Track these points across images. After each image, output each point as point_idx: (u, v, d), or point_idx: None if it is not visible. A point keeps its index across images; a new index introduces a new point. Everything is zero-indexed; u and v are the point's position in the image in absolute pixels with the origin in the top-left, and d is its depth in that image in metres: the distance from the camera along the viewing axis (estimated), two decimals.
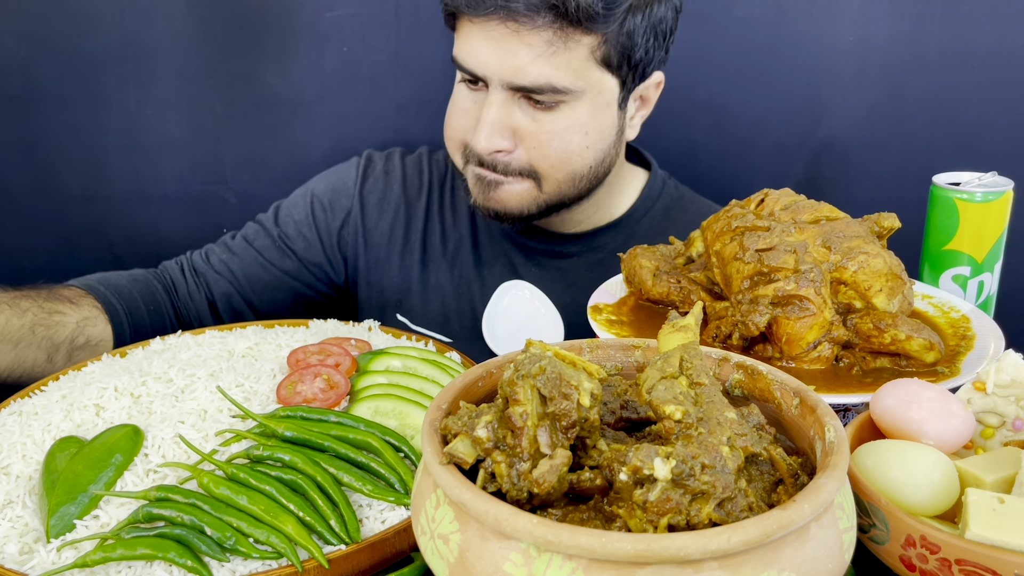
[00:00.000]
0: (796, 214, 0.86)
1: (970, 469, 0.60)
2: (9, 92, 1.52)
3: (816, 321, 0.78)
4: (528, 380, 0.50)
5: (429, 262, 1.29)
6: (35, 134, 1.56)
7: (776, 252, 0.81)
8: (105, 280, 1.16)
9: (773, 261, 0.80)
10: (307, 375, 0.83)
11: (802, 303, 0.79)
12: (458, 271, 1.28)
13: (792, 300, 0.79)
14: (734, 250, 0.84)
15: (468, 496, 0.46)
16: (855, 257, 0.80)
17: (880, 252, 0.82)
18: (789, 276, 0.80)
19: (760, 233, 0.84)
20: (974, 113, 1.51)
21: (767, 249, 0.82)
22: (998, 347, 0.80)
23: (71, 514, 0.67)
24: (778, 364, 0.81)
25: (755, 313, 0.80)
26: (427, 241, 1.29)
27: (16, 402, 0.85)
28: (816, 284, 0.79)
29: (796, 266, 0.80)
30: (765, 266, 0.81)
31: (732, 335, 0.81)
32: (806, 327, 0.79)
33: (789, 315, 0.79)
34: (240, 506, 0.66)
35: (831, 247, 0.81)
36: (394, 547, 0.67)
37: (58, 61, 1.51)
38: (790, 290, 0.79)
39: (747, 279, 0.82)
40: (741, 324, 0.80)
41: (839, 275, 0.81)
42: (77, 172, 1.59)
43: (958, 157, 1.17)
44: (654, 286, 0.93)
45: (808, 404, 0.56)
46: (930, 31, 1.48)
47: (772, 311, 0.80)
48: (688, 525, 0.46)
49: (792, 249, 0.81)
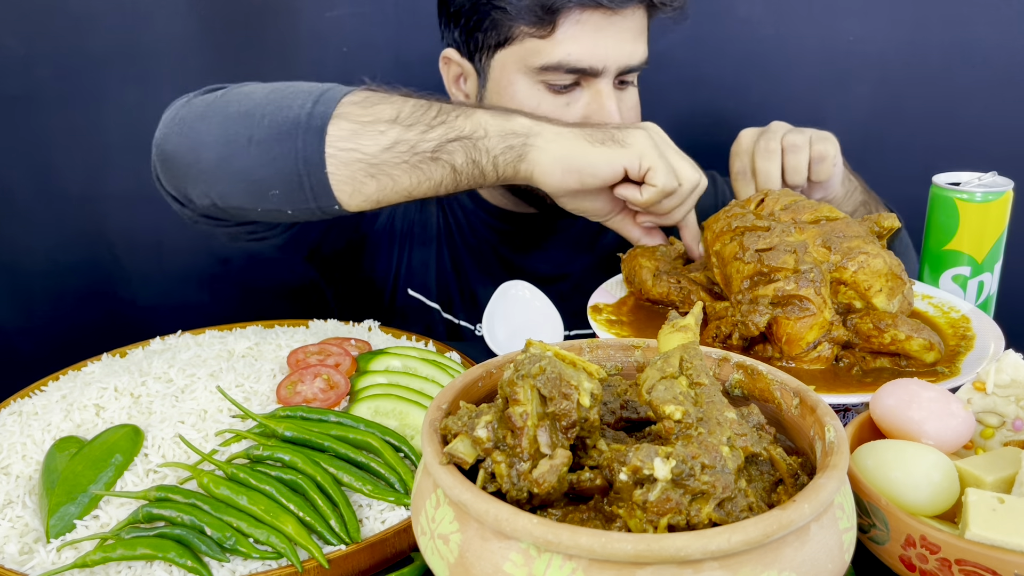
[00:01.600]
0: (796, 214, 0.86)
1: (970, 469, 0.60)
2: (9, 92, 1.53)
3: (816, 321, 0.78)
4: (528, 380, 0.50)
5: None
6: (35, 134, 1.56)
7: (776, 252, 0.81)
8: None
9: (773, 261, 0.80)
10: (307, 375, 0.83)
11: (802, 303, 0.79)
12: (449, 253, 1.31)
13: (792, 300, 0.79)
14: (734, 250, 0.84)
15: (468, 496, 0.46)
16: (855, 257, 0.80)
17: (880, 252, 0.82)
18: (789, 276, 0.80)
19: (760, 233, 0.84)
20: (974, 113, 1.51)
21: (767, 249, 0.82)
22: (998, 347, 0.80)
23: (71, 514, 0.67)
24: (778, 364, 0.81)
25: (755, 313, 0.80)
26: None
27: (16, 402, 0.85)
28: (816, 284, 0.79)
29: (796, 266, 0.80)
30: (765, 266, 0.81)
31: (732, 335, 0.81)
32: (806, 327, 0.78)
33: (789, 315, 0.79)
34: (240, 506, 0.66)
35: (831, 247, 0.81)
36: (394, 547, 0.67)
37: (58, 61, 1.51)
38: (790, 290, 0.79)
39: (747, 279, 0.82)
40: (741, 324, 0.80)
41: (839, 275, 0.81)
42: (77, 172, 1.59)
43: (958, 157, 1.17)
44: (654, 286, 0.93)
45: (808, 404, 0.56)
46: (930, 31, 1.48)
47: (772, 311, 0.80)
48: (688, 525, 0.46)
49: (792, 249, 0.81)
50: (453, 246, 1.30)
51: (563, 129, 0.89)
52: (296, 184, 0.85)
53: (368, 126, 0.85)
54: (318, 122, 0.84)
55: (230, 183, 0.89)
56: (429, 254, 1.30)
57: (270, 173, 0.86)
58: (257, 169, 0.86)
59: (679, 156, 0.92)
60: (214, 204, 0.92)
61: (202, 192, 0.92)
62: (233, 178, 0.88)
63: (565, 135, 0.88)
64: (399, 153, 0.85)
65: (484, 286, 1.30)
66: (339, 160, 0.84)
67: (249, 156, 0.86)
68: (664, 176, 0.88)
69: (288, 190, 0.86)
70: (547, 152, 0.87)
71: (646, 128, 0.92)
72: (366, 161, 0.85)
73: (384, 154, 0.85)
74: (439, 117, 0.87)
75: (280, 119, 0.86)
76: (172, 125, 0.92)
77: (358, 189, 0.86)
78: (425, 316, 1.31)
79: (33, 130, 1.56)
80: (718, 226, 0.88)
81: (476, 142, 0.86)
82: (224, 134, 0.88)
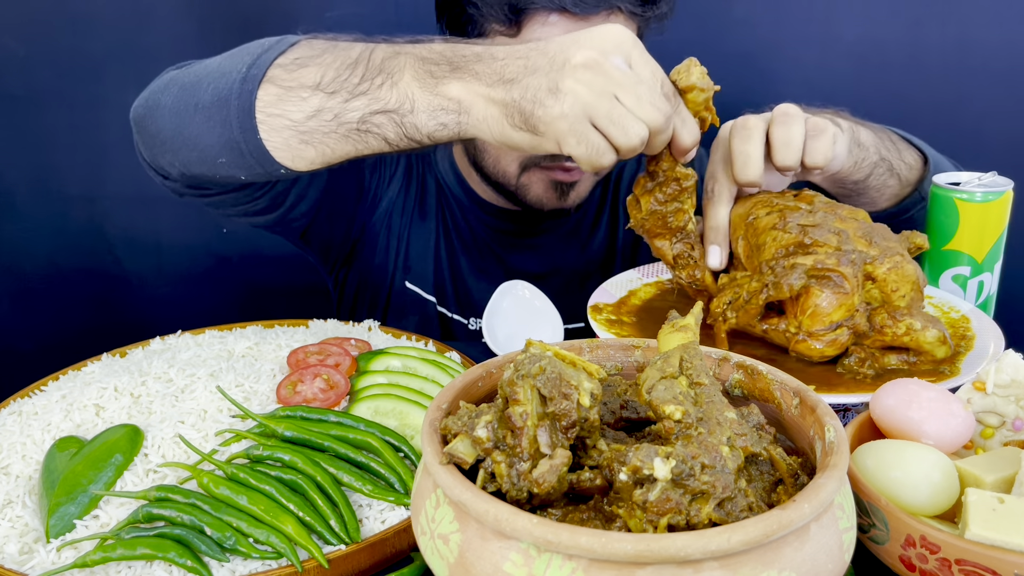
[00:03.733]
0: (836, 209, 0.86)
1: (970, 469, 0.60)
2: (9, 92, 1.53)
3: (846, 301, 0.78)
4: (528, 380, 0.50)
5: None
6: (35, 134, 1.56)
7: (820, 229, 0.81)
8: None
9: (817, 235, 0.80)
10: (307, 375, 0.83)
11: (838, 279, 0.78)
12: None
13: (829, 275, 0.79)
14: (773, 220, 0.84)
15: (468, 496, 0.46)
16: (891, 256, 0.80)
17: (912, 261, 0.82)
18: (831, 252, 0.79)
19: (803, 212, 0.84)
20: (974, 113, 1.51)
21: (811, 225, 0.82)
22: (998, 347, 0.80)
23: (71, 514, 0.67)
24: (792, 337, 0.80)
25: (791, 275, 0.79)
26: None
27: (16, 402, 0.85)
28: (856, 267, 0.79)
29: (839, 245, 0.80)
30: (809, 238, 0.81)
31: (754, 298, 0.81)
32: (835, 304, 0.78)
33: (824, 286, 0.79)
34: (240, 506, 0.66)
35: (871, 241, 0.81)
36: (394, 547, 0.67)
37: (58, 61, 1.51)
38: (831, 264, 0.79)
39: (784, 248, 0.82)
40: (773, 285, 0.80)
41: (871, 270, 0.80)
42: (77, 172, 1.60)
43: (958, 157, 1.17)
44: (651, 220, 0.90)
45: (808, 404, 0.56)
46: (930, 31, 1.48)
47: (807, 279, 0.79)
48: (688, 525, 0.46)
49: (836, 231, 0.81)
50: (449, 240, 1.31)
51: (490, 104, 0.78)
52: (237, 150, 0.85)
53: (291, 92, 0.83)
54: (249, 86, 0.83)
55: (186, 151, 0.89)
56: (427, 247, 1.31)
57: (213, 140, 0.85)
58: (203, 136, 0.86)
59: (615, 117, 0.75)
60: (182, 174, 0.93)
61: (169, 161, 0.93)
62: (187, 146, 0.89)
63: (492, 115, 0.78)
64: (325, 122, 0.82)
65: (478, 280, 1.31)
66: (269, 126, 0.83)
67: (196, 124, 0.86)
68: (589, 157, 0.76)
69: (232, 156, 0.86)
70: (481, 131, 0.80)
71: (575, 90, 0.74)
72: (295, 128, 0.83)
73: (310, 122, 0.83)
74: (362, 84, 0.82)
75: (220, 85, 0.85)
76: (143, 97, 0.95)
77: (298, 155, 0.84)
78: (421, 308, 1.32)
79: (33, 130, 1.56)
80: (751, 201, 0.87)
81: (403, 117, 0.81)
82: (177, 103, 0.89)
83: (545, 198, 1.20)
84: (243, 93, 0.82)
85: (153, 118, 0.91)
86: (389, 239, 1.30)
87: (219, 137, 0.84)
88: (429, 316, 1.31)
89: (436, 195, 1.32)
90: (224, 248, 1.73)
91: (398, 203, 1.30)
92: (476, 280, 1.31)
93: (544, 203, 1.21)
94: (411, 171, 1.32)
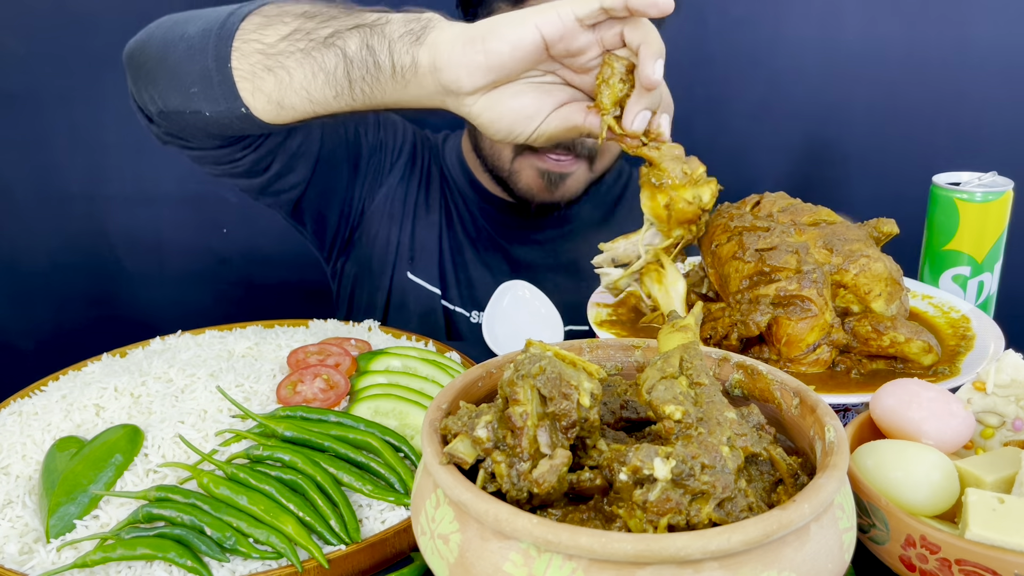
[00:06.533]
0: (795, 216, 0.85)
1: (970, 469, 0.60)
2: (9, 92, 1.53)
3: (817, 323, 0.78)
4: (528, 380, 0.50)
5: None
6: (35, 134, 1.56)
7: (778, 252, 0.80)
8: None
9: (775, 261, 0.80)
10: (307, 375, 0.83)
11: (804, 304, 0.78)
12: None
13: (794, 300, 0.78)
14: (732, 249, 0.83)
15: (468, 496, 0.46)
16: (856, 260, 0.80)
17: (880, 256, 0.81)
18: (791, 276, 0.79)
19: (760, 233, 0.83)
20: (974, 113, 1.51)
21: (768, 249, 0.81)
22: (998, 347, 0.80)
23: (71, 514, 0.67)
24: (776, 364, 0.81)
25: (756, 312, 0.79)
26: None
27: (16, 402, 0.85)
28: (818, 285, 0.78)
29: (798, 266, 0.79)
30: (767, 265, 0.80)
31: (730, 335, 0.81)
32: (807, 328, 0.78)
33: (791, 315, 0.78)
34: (240, 506, 0.66)
35: (832, 249, 0.81)
36: (394, 547, 0.67)
37: (58, 61, 1.51)
38: (792, 290, 0.78)
39: (746, 279, 0.81)
40: (741, 324, 0.80)
41: (840, 278, 0.80)
42: (77, 172, 1.60)
43: (958, 157, 1.17)
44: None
45: (808, 404, 0.56)
46: (930, 31, 1.48)
47: (773, 311, 0.79)
48: (688, 525, 0.46)
49: (794, 249, 0.80)
50: (453, 232, 1.32)
51: (457, 33, 0.78)
52: (207, 79, 0.87)
53: (275, 19, 0.86)
54: (235, 19, 0.87)
55: (165, 80, 0.92)
56: (431, 238, 1.32)
57: (190, 68, 0.88)
58: (182, 64, 0.89)
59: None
60: (161, 111, 0.95)
61: (151, 96, 0.95)
62: (167, 75, 0.91)
63: (456, 33, 0.78)
64: (294, 41, 0.84)
65: (480, 273, 1.32)
66: (241, 52, 0.86)
67: (178, 52, 0.89)
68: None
69: (203, 87, 0.88)
70: (448, 30, 0.78)
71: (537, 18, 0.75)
72: (264, 52, 0.85)
73: (281, 43, 0.85)
74: (352, 15, 0.84)
75: (210, 18, 0.89)
76: (139, 33, 0.98)
77: (258, 86, 0.86)
78: (424, 300, 1.32)
79: (34, 129, 1.56)
80: (714, 224, 0.88)
81: (374, 27, 0.81)
82: (166, 34, 0.92)
83: (535, 187, 1.22)
84: (227, 24, 0.86)
85: (142, 49, 0.95)
86: (391, 228, 1.31)
87: (195, 64, 0.87)
88: (432, 308, 1.32)
89: (441, 186, 1.33)
90: (224, 248, 1.73)
91: (399, 191, 1.31)
92: (480, 273, 1.32)
93: (534, 193, 1.22)
94: (416, 161, 1.33)
